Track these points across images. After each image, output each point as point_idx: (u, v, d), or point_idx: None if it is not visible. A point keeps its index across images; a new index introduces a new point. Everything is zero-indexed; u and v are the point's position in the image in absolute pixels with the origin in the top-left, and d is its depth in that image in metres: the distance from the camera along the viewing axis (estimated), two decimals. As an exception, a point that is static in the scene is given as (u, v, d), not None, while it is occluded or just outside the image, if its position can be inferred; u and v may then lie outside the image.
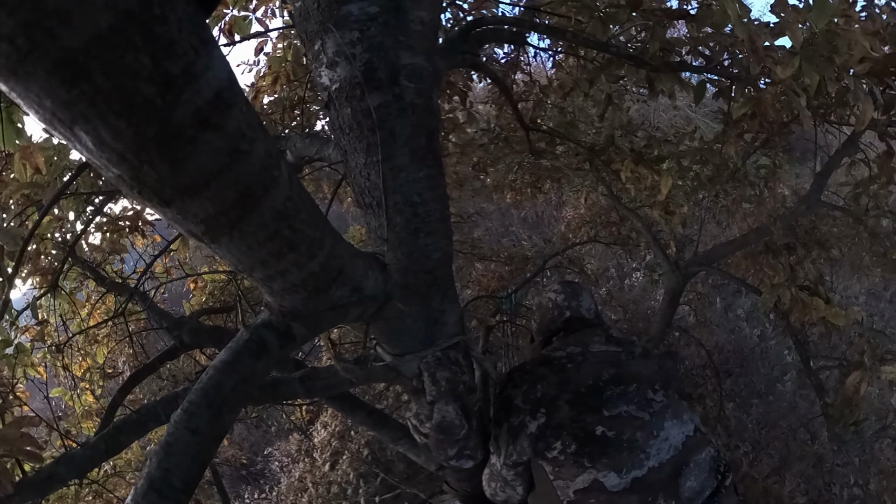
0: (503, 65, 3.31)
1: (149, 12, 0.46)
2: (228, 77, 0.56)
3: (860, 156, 3.09)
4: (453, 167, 3.66)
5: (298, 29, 1.05)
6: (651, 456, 1.18)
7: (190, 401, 0.79)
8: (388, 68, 0.98)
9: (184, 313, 3.42)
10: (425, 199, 1.07)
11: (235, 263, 0.79)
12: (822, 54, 1.48)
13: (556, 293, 1.58)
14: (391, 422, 1.80)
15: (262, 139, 0.64)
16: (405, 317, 1.15)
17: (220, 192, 0.63)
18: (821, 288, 2.98)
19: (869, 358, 2.67)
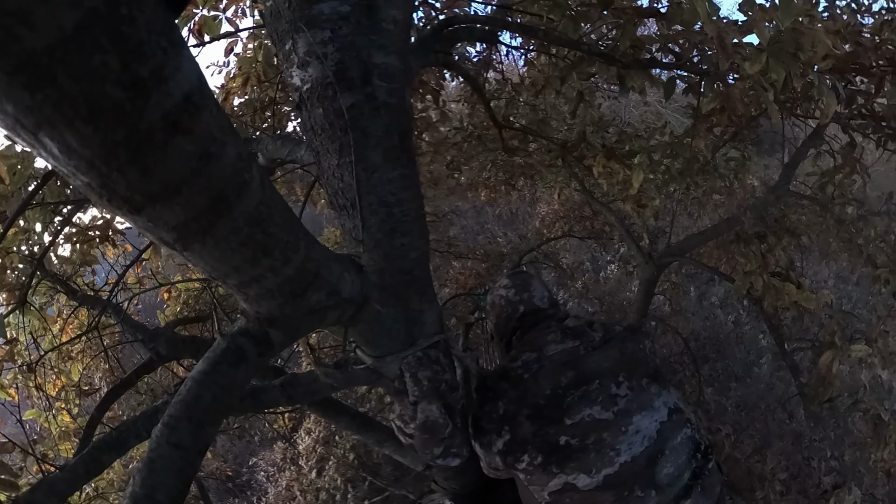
0: (475, 63, 3.32)
1: (116, 12, 0.44)
2: (198, 79, 0.55)
3: (825, 147, 3.21)
4: (427, 166, 3.66)
5: (269, 28, 1.03)
6: (622, 452, 1.18)
7: (170, 415, 0.77)
8: (360, 68, 0.97)
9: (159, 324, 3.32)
10: (400, 198, 1.06)
11: (209, 271, 0.77)
12: (787, 51, 1.53)
13: (506, 288, 1.53)
14: (375, 424, 1.79)
15: (233, 142, 0.63)
16: (384, 318, 1.15)
17: (191, 197, 0.61)
18: (792, 274, 3.09)
19: (839, 338, 2.77)
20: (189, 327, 3.24)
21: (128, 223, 0.65)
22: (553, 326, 1.39)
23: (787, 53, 1.53)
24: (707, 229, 3.99)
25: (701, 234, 4.03)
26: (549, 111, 3.70)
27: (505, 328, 1.50)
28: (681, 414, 1.28)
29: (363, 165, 1.01)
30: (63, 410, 3.21)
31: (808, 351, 3.27)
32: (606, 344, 1.32)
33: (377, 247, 1.08)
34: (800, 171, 3.52)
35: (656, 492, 1.17)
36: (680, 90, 2.11)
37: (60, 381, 3.25)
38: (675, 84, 1.95)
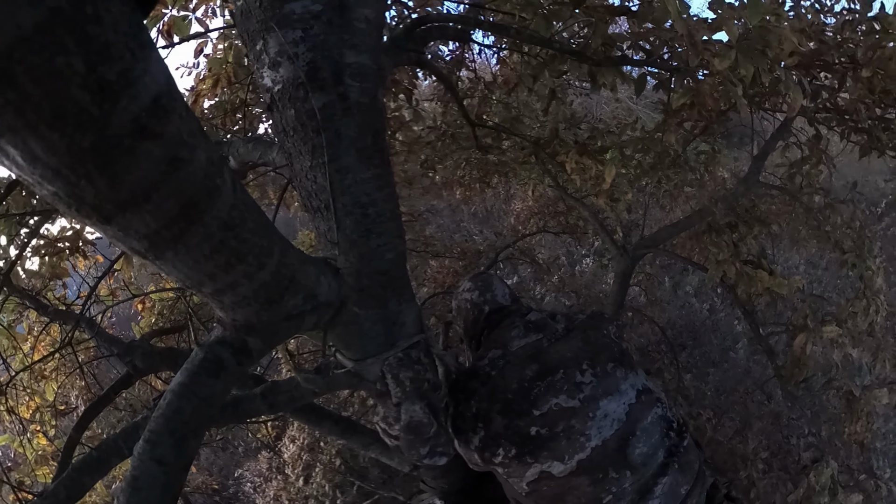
0: (448, 62, 3.32)
1: (81, 11, 0.42)
2: (167, 81, 0.53)
3: (793, 139, 3.32)
4: (401, 166, 3.66)
5: (239, 28, 1.01)
6: (592, 437, 1.21)
7: (151, 430, 0.75)
8: (332, 67, 0.96)
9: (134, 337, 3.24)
10: (374, 199, 1.05)
11: (183, 279, 0.75)
12: (756, 48, 1.58)
13: (470, 291, 1.57)
14: (359, 428, 1.78)
15: (204, 146, 0.62)
16: (363, 320, 1.14)
17: (161, 204, 0.60)
18: (763, 261, 3.17)
19: (812, 321, 2.88)
20: (165, 338, 3.16)
21: (98, 233, 0.63)
22: (516, 322, 1.42)
23: (755, 50, 1.58)
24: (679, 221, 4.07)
25: (673, 226, 4.11)
26: (522, 109, 3.72)
27: (473, 329, 1.54)
28: (650, 394, 1.31)
29: (336, 166, 1.00)
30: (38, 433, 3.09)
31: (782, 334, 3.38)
32: (569, 334, 1.35)
33: (353, 248, 1.06)
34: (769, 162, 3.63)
35: (631, 472, 1.20)
36: (650, 86, 2.15)
37: (34, 402, 3.13)
38: (645, 80, 2.00)
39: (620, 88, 3.35)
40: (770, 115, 3.29)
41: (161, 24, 2.13)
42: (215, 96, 2.71)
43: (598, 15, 1.70)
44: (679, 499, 1.23)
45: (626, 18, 1.84)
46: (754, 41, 1.58)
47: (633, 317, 6.06)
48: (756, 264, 3.16)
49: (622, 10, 1.78)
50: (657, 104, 3.93)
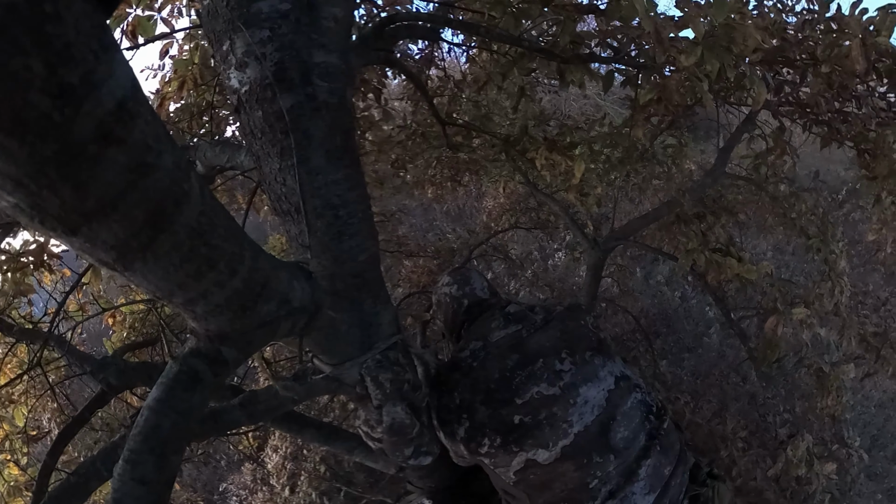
0: (417, 61, 3.31)
1: (38, 9, 0.39)
2: (132, 84, 0.51)
3: (757, 132, 3.42)
4: (372, 166, 3.63)
5: (206, 28, 0.99)
6: (574, 423, 1.24)
7: (130, 449, 0.72)
8: (300, 67, 0.95)
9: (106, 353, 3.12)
10: (345, 200, 1.04)
11: (153, 290, 0.73)
12: (721, 45, 1.62)
13: (449, 286, 1.59)
14: (342, 433, 1.76)
15: (170, 151, 0.60)
16: (339, 324, 1.13)
17: (129, 213, 0.58)
18: (732, 248, 3.26)
19: (781, 304, 2.99)
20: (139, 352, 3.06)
21: (64, 246, 0.61)
22: (496, 314, 1.45)
23: (720, 47, 1.62)
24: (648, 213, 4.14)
25: (643, 218, 4.18)
26: (492, 107, 3.74)
27: (453, 323, 1.56)
28: (628, 381, 1.35)
29: (306, 168, 0.99)
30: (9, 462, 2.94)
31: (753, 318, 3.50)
32: (547, 324, 1.38)
33: (325, 251, 1.05)
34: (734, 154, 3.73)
35: (615, 455, 1.23)
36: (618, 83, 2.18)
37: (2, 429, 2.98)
38: (613, 77, 2.02)
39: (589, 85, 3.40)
40: (735, 109, 3.37)
41: (125, 25, 2.05)
42: (181, 99, 2.63)
43: (567, 13, 1.72)
44: (663, 479, 1.26)
45: (594, 16, 1.86)
46: (720, 38, 1.63)
47: (607, 307, 6.16)
48: (725, 252, 3.24)
49: (590, 9, 1.80)
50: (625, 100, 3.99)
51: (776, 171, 3.53)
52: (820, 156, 3.89)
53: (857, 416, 5.75)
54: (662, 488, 1.25)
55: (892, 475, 5.56)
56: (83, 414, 1.78)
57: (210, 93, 2.61)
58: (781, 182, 3.64)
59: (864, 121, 2.58)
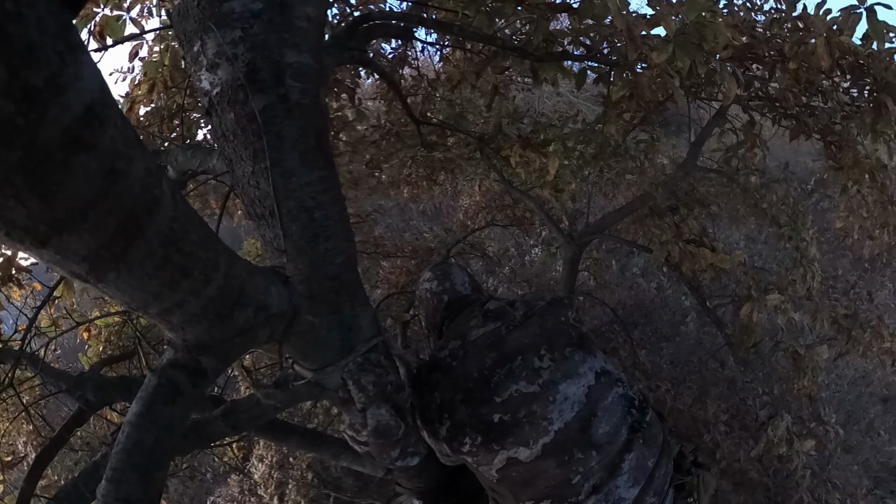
0: (391, 60, 3.30)
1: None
2: (100, 88, 0.49)
3: (728, 126, 3.50)
4: (346, 166, 3.59)
5: (177, 29, 0.97)
6: (554, 420, 1.24)
7: (113, 468, 0.70)
8: (272, 68, 0.93)
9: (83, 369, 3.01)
10: (320, 202, 1.02)
11: (128, 301, 0.72)
12: (692, 42, 1.66)
13: (429, 281, 1.58)
14: (327, 438, 1.74)
15: (141, 156, 0.58)
16: (318, 328, 1.11)
17: (99, 222, 0.56)
18: (705, 239, 3.35)
19: (755, 290, 3.07)
20: (116, 366, 2.98)
21: (33, 258, 0.59)
22: (476, 311, 1.44)
23: (691, 44, 1.65)
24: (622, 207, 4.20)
25: (617, 212, 4.24)
26: (466, 105, 3.74)
27: (434, 319, 1.56)
28: (609, 375, 1.35)
29: (279, 170, 0.97)
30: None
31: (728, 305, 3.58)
32: (527, 321, 1.37)
33: (301, 255, 1.03)
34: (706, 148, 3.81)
35: (596, 451, 1.23)
36: (591, 80, 2.21)
37: None
38: (586, 75, 2.05)
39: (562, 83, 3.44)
40: (706, 104, 3.45)
41: (92, 25, 1.97)
42: (151, 102, 2.55)
43: (540, 12, 1.73)
44: (647, 472, 1.27)
45: (567, 15, 1.88)
46: (691, 36, 1.66)
47: (585, 300, 6.23)
48: (698, 243, 3.31)
49: (563, 7, 1.81)
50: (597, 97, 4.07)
51: (747, 163, 3.62)
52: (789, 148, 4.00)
53: (832, 394, 5.99)
54: (647, 480, 1.26)
55: (866, 447, 5.81)
56: (61, 434, 1.71)
57: (181, 95, 2.54)
58: (752, 174, 3.74)
59: (830, 114, 2.68)
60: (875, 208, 3.17)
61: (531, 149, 2.70)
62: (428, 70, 3.55)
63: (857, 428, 5.93)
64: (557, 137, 3.23)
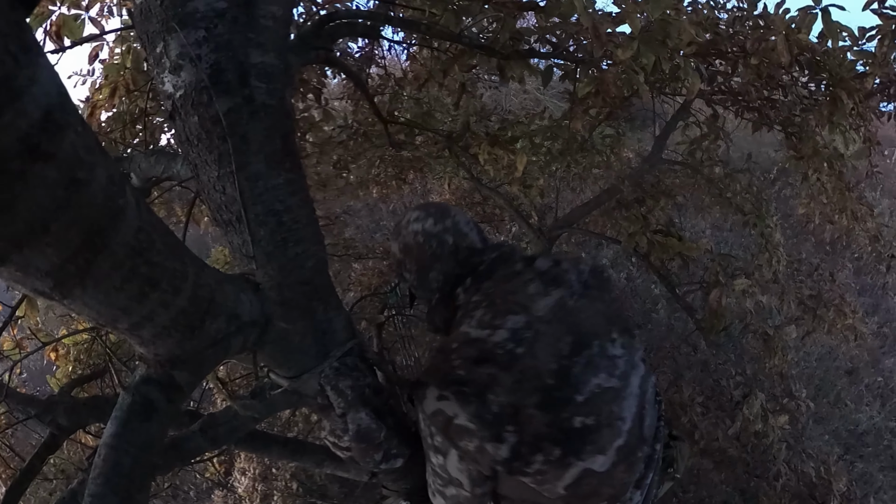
0: (357, 59, 3.27)
1: None
2: (59, 92, 0.47)
3: (692, 119, 3.63)
4: (314, 168, 3.56)
5: (138, 29, 0.93)
6: (627, 419, 1.01)
7: (92, 494, 0.68)
8: (237, 69, 0.90)
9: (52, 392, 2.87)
10: (288, 205, 1.00)
11: (95, 317, 0.69)
12: (657, 39, 1.69)
13: (420, 221, 1.19)
14: (309, 446, 1.72)
15: (103, 164, 0.56)
16: (291, 335, 1.08)
17: (61, 234, 0.54)
18: (672, 229, 3.44)
19: (723, 276, 3.18)
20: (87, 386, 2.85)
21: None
22: (526, 272, 1.07)
23: (656, 41, 1.69)
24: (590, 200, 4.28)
25: (585, 206, 4.31)
26: (433, 104, 3.75)
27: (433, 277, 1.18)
28: (646, 363, 1.13)
29: (245, 174, 0.94)
30: None
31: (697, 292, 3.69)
32: (587, 290, 1.07)
33: (271, 260, 1.01)
34: (670, 141, 3.92)
35: (646, 446, 1.06)
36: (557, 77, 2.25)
37: None
38: (552, 72, 2.10)
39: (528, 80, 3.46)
40: (670, 99, 3.57)
41: (48, 25, 1.85)
42: (113, 107, 2.44)
43: (507, 10, 1.75)
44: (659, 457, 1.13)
45: (533, 13, 1.89)
46: (655, 33, 1.70)
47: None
48: (665, 233, 3.39)
49: (530, 6, 1.83)
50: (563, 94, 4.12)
51: (711, 154, 3.74)
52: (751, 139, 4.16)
53: (801, 370, 6.20)
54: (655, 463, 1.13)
55: (835, 417, 6.14)
56: (33, 463, 1.61)
57: (144, 99, 2.44)
58: (716, 165, 3.85)
59: (790, 107, 2.82)
60: (834, 195, 3.34)
61: (499, 146, 2.71)
62: (395, 69, 3.55)
63: (825, 400, 6.24)
64: (525, 134, 3.27)
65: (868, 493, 4.88)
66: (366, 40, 3.23)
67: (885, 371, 6.74)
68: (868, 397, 6.48)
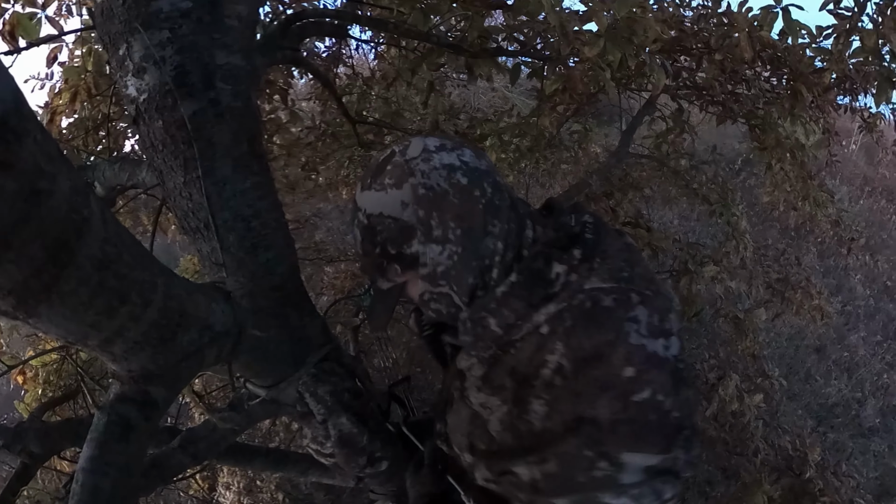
0: (325, 59, 3.24)
1: None
2: (14, 97, 0.44)
3: (658, 114, 3.71)
4: (282, 171, 3.50)
5: (100, 30, 0.90)
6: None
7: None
8: (202, 70, 0.88)
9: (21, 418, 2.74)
10: (257, 210, 0.98)
11: (64, 335, 0.66)
12: (623, 36, 1.72)
13: (450, 151, 0.76)
14: (292, 456, 1.69)
15: (66, 173, 0.53)
16: (266, 343, 1.06)
17: (25, 250, 0.51)
18: (640, 221, 3.54)
19: (692, 264, 3.27)
20: (59, 409, 2.73)
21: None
22: (618, 239, 0.80)
23: (622, 38, 1.71)
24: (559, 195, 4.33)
25: (553, 201, 4.38)
26: (402, 103, 3.74)
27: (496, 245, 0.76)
28: None
29: (212, 179, 0.92)
30: None
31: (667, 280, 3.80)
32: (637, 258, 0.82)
33: (241, 267, 0.99)
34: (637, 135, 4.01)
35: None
36: (525, 75, 2.27)
37: None
38: (520, 70, 2.11)
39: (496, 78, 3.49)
40: (636, 95, 3.66)
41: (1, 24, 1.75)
42: (74, 112, 2.33)
43: (475, 8, 1.76)
44: None
45: (501, 11, 1.91)
46: (622, 30, 1.72)
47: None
48: (634, 224, 3.47)
49: (498, 4, 1.85)
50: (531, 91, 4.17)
51: (676, 147, 3.87)
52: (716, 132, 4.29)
53: (773, 350, 6.52)
54: None
55: (807, 393, 6.49)
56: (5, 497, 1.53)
57: (106, 104, 2.34)
58: (682, 157, 3.98)
59: (753, 101, 2.93)
60: (796, 183, 3.51)
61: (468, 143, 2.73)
62: (363, 68, 3.53)
63: (797, 377, 6.56)
64: (493, 132, 3.30)
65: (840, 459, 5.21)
66: (333, 40, 3.20)
67: (850, 346, 7.14)
68: (836, 372, 6.86)
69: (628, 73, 2.78)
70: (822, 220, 3.92)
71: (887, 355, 7.19)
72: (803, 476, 2.81)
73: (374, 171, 0.78)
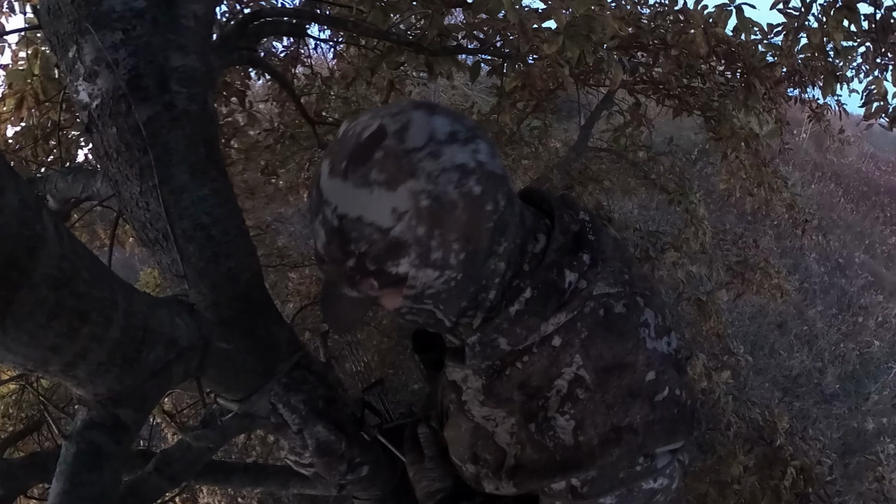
0: (283, 59, 3.18)
1: None
2: None
3: (615, 108, 3.86)
4: (240, 175, 3.44)
5: (47, 30, 0.84)
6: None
7: (48, 565, 0.59)
8: (157, 73, 0.84)
9: None
10: (216, 217, 0.94)
11: (23, 362, 0.62)
12: (581, 33, 1.74)
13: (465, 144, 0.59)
14: (271, 469, 1.65)
15: (14, 186, 0.50)
16: (234, 355, 1.02)
17: None
18: (601, 212, 3.63)
19: (653, 251, 3.41)
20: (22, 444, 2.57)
21: None
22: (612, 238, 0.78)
23: (581, 35, 1.74)
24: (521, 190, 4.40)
25: (515, 196, 4.45)
26: (362, 102, 3.71)
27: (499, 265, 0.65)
28: None
29: (169, 187, 0.88)
30: None
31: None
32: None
33: (203, 278, 0.95)
34: (595, 129, 4.13)
35: None
36: (485, 72, 2.28)
37: None
38: (479, 67, 2.13)
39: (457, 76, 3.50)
40: (594, 90, 3.77)
41: None
42: (21, 121, 2.19)
43: (435, 7, 1.76)
44: None
45: (461, 10, 1.91)
46: (580, 28, 1.75)
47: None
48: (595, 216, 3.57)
49: (457, 2, 1.85)
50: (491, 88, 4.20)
51: (634, 140, 3.97)
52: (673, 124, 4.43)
53: (737, 329, 6.90)
54: None
55: (772, 367, 6.93)
56: None
57: (56, 111, 2.20)
58: (640, 150, 4.10)
59: (709, 94, 3.05)
60: (752, 170, 3.63)
61: (430, 142, 2.73)
62: (322, 68, 3.48)
63: (762, 353, 6.98)
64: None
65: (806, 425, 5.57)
66: (291, 39, 3.14)
67: (809, 321, 7.67)
68: (797, 345, 7.34)
69: (587, 70, 2.84)
70: (778, 204, 4.07)
71: (843, 326, 7.72)
72: (774, 444, 2.95)
73: (353, 151, 0.57)
